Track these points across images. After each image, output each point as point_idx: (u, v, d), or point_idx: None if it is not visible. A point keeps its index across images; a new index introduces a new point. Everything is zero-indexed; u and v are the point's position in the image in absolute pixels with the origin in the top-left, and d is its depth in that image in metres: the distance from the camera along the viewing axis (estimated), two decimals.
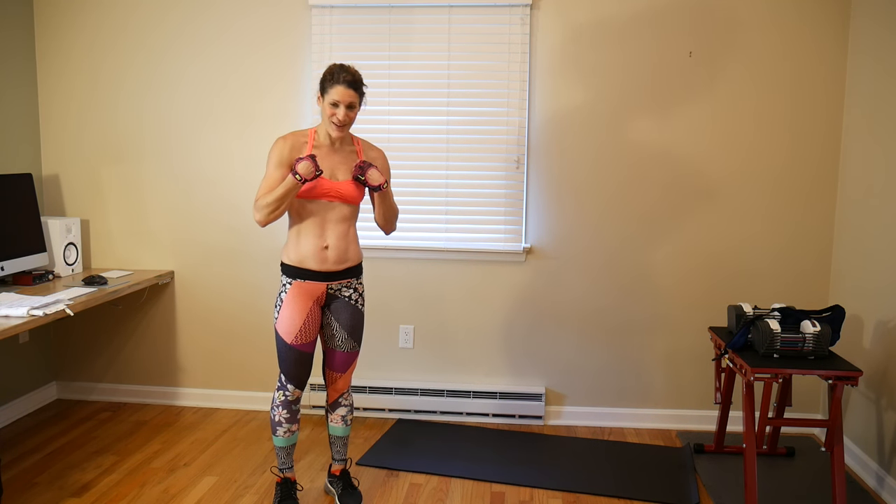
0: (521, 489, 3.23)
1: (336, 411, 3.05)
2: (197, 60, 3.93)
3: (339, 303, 2.90)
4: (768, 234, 3.80)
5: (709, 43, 3.71)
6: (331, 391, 3.03)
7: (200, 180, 4.00)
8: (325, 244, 2.81)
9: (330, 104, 2.74)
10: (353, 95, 2.74)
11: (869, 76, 3.46)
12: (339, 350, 2.94)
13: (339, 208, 2.82)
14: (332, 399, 3.04)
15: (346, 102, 2.73)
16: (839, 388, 2.88)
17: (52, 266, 3.76)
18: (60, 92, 4.02)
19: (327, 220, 2.81)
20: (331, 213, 2.81)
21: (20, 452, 3.50)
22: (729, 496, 3.16)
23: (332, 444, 3.11)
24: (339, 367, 2.97)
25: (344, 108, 2.74)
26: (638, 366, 3.93)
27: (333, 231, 2.82)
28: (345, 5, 3.80)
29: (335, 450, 3.10)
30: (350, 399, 3.07)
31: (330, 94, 2.73)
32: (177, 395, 4.16)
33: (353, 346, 2.96)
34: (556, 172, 3.84)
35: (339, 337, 2.92)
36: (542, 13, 3.76)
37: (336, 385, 3.01)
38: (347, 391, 3.04)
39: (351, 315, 2.92)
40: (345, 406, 3.05)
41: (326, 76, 2.76)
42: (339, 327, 2.91)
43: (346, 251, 2.85)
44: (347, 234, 2.86)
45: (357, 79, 2.76)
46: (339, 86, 2.72)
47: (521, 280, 3.92)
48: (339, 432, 3.07)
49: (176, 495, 3.11)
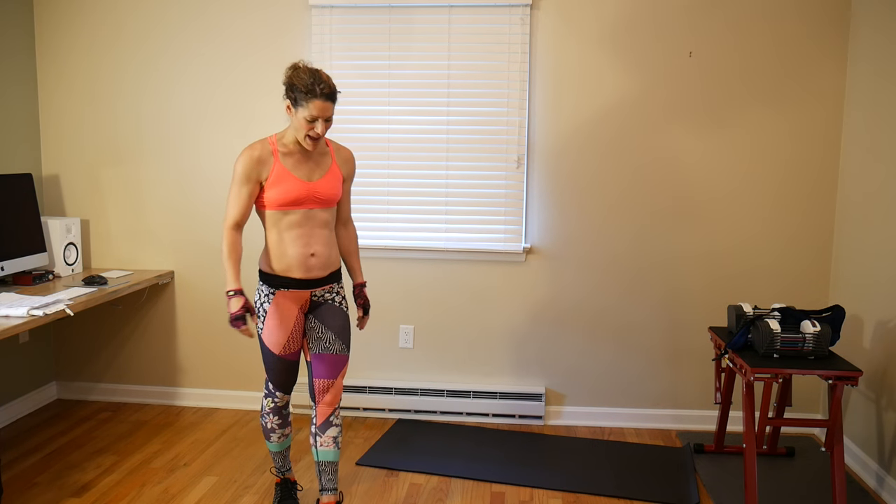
0: (521, 489, 3.23)
1: (327, 433, 2.75)
2: (197, 60, 3.93)
3: (324, 307, 2.79)
4: (768, 234, 3.80)
5: (709, 44, 3.71)
6: (320, 409, 2.75)
7: (200, 180, 4.00)
8: (312, 252, 2.69)
9: (306, 119, 2.54)
10: (331, 108, 2.56)
11: (868, 79, 3.46)
12: (327, 353, 2.75)
13: (320, 213, 2.71)
14: (323, 418, 2.75)
15: (325, 117, 2.55)
16: (839, 388, 2.88)
17: (52, 266, 3.76)
18: (60, 92, 4.02)
19: (312, 227, 2.69)
20: (313, 219, 2.69)
21: (20, 452, 3.50)
22: (729, 496, 3.16)
23: (321, 471, 2.76)
24: (328, 371, 2.74)
25: (322, 123, 2.56)
26: (638, 366, 3.93)
27: (318, 238, 2.71)
28: (345, 5, 3.80)
29: (326, 477, 2.77)
30: (340, 419, 2.79)
31: (307, 107, 2.52)
32: (177, 395, 4.16)
33: (341, 348, 2.77)
34: (557, 172, 3.84)
35: (325, 338, 2.76)
36: (542, 13, 3.76)
37: (325, 398, 2.74)
38: (338, 408, 2.78)
39: (336, 316, 2.79)
40: (336, 426, 2.77)
41: (299, 87, 2.53)
42: (326, 328, 2.76)
43: (329, 257, 2.76)
44: (330, 239, 2.76)
45: (334, 88, 2.57)
46: (317, 100, 2.52)
47: (521, 280, 3.92)
48: (330, 457, 2.75)
49: (176, 495, 3.11)
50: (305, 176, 2.65)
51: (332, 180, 2.71)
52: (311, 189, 2.65)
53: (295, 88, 2.54)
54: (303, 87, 2.52)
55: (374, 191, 3.91)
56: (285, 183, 2.61)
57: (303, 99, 2.52)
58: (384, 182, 3.90)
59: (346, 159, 2.80)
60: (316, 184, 2.66)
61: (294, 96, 2.55)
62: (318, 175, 2.68)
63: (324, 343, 2.75)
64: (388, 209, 3.91)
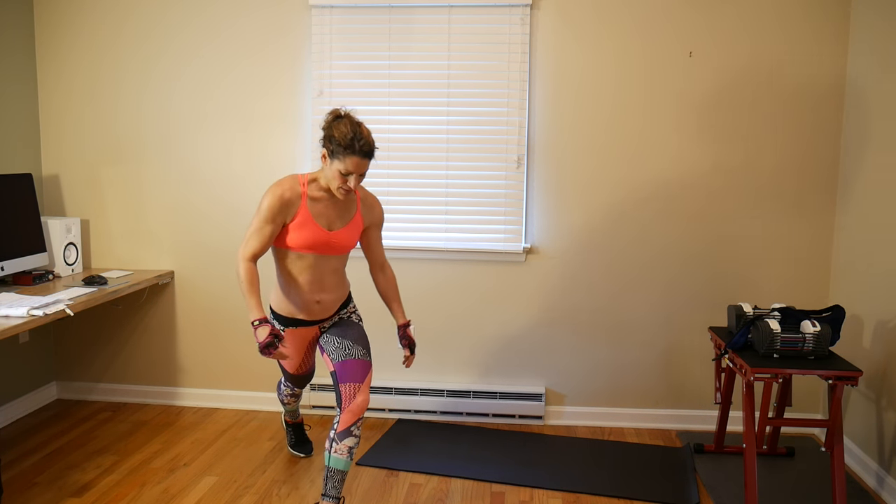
0: (521, 489, 3.23)
1: (344, 441, 2.67)
2: (197, 60, 3.93)
3: (336, 324, 2.87)
4: (768, 233, 3.80)
5: (709, 44, 3.71)
6: (344, 416, 2.67)
7: (200, 180, 4.00)
8: (318, 300, 2.74)
9: (340, 172, 2.54)
10: (366, 165, 2.56)
11: (868, 79, 3.46)
12: (350, 358, 2.74)
13: (333, 260, 2.74)
14: (345, 426, 2.67)
15: (359, 172, 2.55)
16: (839, 388, 2.88)
17: (52, 266, 3.76)
18: (60, 92, 4.02)
19: (323, 273, 2.72)
20: (325, 265, 2.71)
21: (20, 452, 3.50)
22: (729, 496, 3.16)
23: (328, 477, 2.68)
24: (354, 375, 2.70)
25: (356, 177, 2.56)
26: (638, 366, 3.93)
27: (327, 284, 2.75)
28: (345, 5, 3.80)
29: (331, 484, 2.68)
30: (361, 430, 2.71)
31: (343, 162, 2.52)
32: (177, 395, 4.16)
33: (362, 353, 2.77)
34: (557, 172, 3.84)
35: (344, 346, 2.77)
36: (542, 13, 3.76)
37: (352, 406, 2.66)
38: (362, 419, 2.71)
39: (350, 327, 2.85)
40: (355, 437, 2.68)
41: (338, 140, 2.51)
42: (341, 338, 2.80)
43: (336, 301, 2.82)
44: (339, 285, 2.80)
45: (373, 146, 2.56)
46: (355, 156, 2.51)
47: (522, 280, 3.92)
48: (341, 465, 2.67)
49: (176, 495, 3.11)
50: (327, 225, 2.69)
51: (351, 231, 2.75)
52: (330, 239, 2.69)
53: (333, 140, 2.53)
54: (342, 142, 2.51)
55: (374, 191, 3.91)
56: (307, 229, 2.65)
57: (340, 153, 2.52)
58: (384, 182, 3.90)
59: (370, 207, 2.83)
60: (336, 234, 2.70)
61: (332, 148, 2.54)
62: (339, 225, 2.72)
63: (344, 351, 2.77)
64: (389, 209, 3.91)
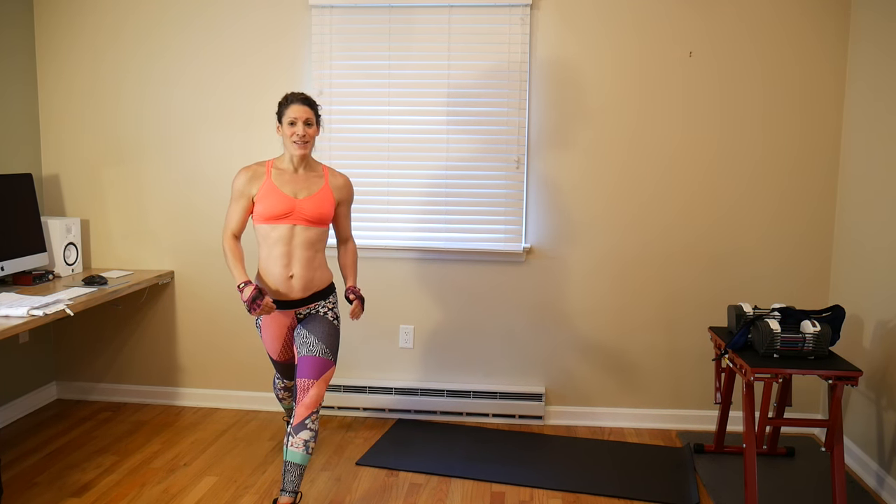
0: (521, 489, 3.24)
1: (299, 434, 2.76)
2: (197, 60, 3.93)
3: (310, 317, 2.94)
4: (769, 234, 3.80)
5: (709, 44, 3.71)
6: (299, 410, 2.78)
7: (200, 180, 4.00)
8: (291, 273, 2.85)
9: (288, 125, 2.83)
10: (308, 111, 2.84)
11: (868, 82, 3.46)
12: (311, 355, 2.83)
13: (304, 233, 2.84)
14: (299, 419, 2.77)
15: (302, 119, 2.82)
16: (839, 388, 2.88)
17: (52, 266, 3.76)
18: (60, 92, 4.02)
19: (293, 246, 2.84)
20: (295, 238, 2.83)
21: (20, 452, 3.50)
22: (729, 496, 3.16)
23: (286, 471, 2.78)
24: (310, 371, 2.81)
25: (302, 125, 2.82)
26: (638, 366, 3.93)
27: (299, 259, 2.84)
28: (345, 5, 3.80)
29: (289, 478, 2.77)
30: (317, 424, 2.80)
31: (286, 115, 2.84)
32: (177, 395, 4.16)
33: (325, 352, 2.85)
34: (556, 172, 3.84)
35: (310, 342, 2.86)
36: (542, 13, 3.76)
37: (305, 399, 2.78)
38: (316, 412, 2.79)
39: (321, 323, 2.92)
40: (310, 430, 2.77)
41: (280, 103, 2.89)
42: (309, 334, 2.88)
43: (311, 280, 2.89)
44: (313, 262, 2.88)
45: (308, 96, 2.88)
46: (294, 104, 2.84)
47: (521, 280, 3.92)
48: (297, 458, 2.76)
49: (176, 495, 3.12)
50: (292, 193, 2.85)
51: (319, 200, 2.87)
52: (296, 206, 2.82)
53: (279, 106, 2.90)
54: (282, 101, 2.90)
55: (374, 191, 3.91)
56: (272, 197, 2.82)
57: (283, 109, 2.87)
58: (384, 182, 3.90)
59: (340, 185, 2.99)
60: (302, 201, 2.83)
61: (278, 113, 2.89)
62: (304, 193, 2.87)
63: (308, 346, 2.88)
64: (388, 209, 3.91)
